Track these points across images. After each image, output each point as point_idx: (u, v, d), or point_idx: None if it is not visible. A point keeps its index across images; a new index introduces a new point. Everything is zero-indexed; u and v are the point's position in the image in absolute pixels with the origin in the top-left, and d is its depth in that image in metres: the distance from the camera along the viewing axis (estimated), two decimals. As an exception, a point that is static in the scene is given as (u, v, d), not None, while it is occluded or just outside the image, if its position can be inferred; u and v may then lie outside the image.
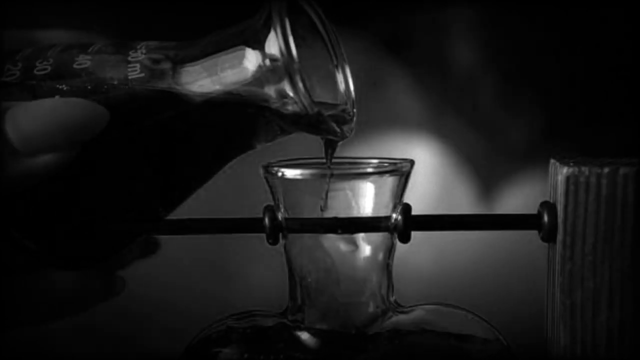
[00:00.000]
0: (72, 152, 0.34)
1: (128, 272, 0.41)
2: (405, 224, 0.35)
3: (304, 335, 0.37)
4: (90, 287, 0.38)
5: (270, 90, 0.34)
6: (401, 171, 0.36)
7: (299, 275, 0.37)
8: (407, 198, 0.37)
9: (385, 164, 0.37)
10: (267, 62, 0.34)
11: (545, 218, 0.34)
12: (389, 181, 0.36)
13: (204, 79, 0.35)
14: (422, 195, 0.82)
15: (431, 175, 0.83)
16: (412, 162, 0.37)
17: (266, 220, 0.36)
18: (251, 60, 0.34)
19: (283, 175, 0.36)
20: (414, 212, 0.36)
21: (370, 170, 0.37)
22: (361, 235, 0.37)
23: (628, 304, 0.33)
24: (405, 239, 0.35)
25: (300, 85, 0.33)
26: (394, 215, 0.36)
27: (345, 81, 0.38)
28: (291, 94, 0.34)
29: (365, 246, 0.37)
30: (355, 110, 0.37)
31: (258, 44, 0.34)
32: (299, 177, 0.36)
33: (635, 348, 0.34)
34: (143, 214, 0.37)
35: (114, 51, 0.36)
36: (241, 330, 0.38)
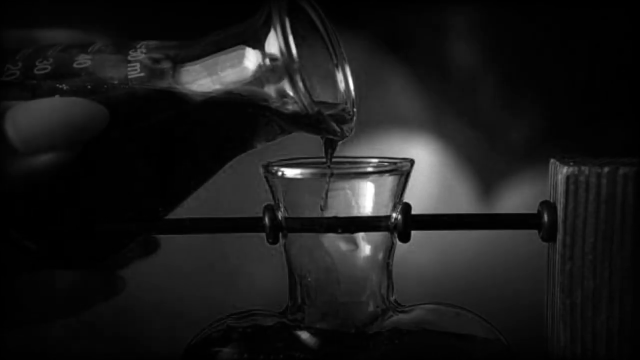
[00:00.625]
0: (72, 151, 0.34)
1: (128, 272, 0.41)
2: (405, 223, 0.35)
3: (304, 335, 0.37)
4: (91, 287, 0.38)
5: (270, 90, 0.34)
6: (401, 170, 0.36)
7: (298, 274, 0.37)
8: (407, 197, 0.37)
9: (385, 164, 0.37)
10: (267, 61, 0.34)
11: (545, 217, 0.34)
12: (389, 181, 0.36)
13: (204, 79, 0.35)
14: (422, 195, 0.81)
15: (431, 174, 0.83)
16: (412, 162, 0.37)
17: (266, 219, 0.36)
18: (251, 59, 0.34)
19: (283, 174, 0.36)
20: (414, 212, 0.36)
21: (370, 169, 0.37)
22: (361, 234, 0.37)
23: (628, 303, 0.33)
24: (405, 238, 0.35)
25: (300, 84, 0.33)
26: (394, 215, 0.36)
27: (345, 80, 0.38)
28: (291, 94, 0.34)
29: (365, 245, 0.37)
30: (355, 109, 0.37)
31: (258, 44, 0.34)
32: (299, 176, 0.36)
33: (635, 348, 0.34)
34: (143, 214, 0.37)
35: (113, 51, 0.36)
36: (241, 330, 0.38)
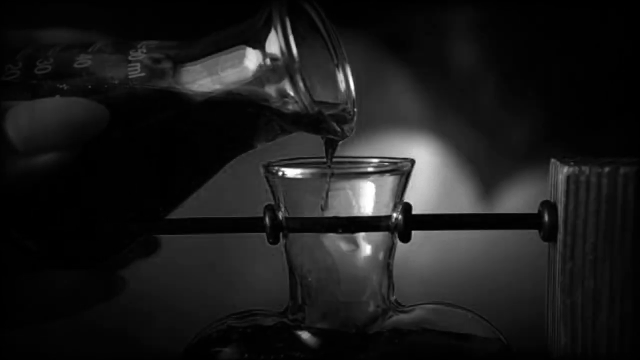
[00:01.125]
0: (73, 151, 0.34)
1: (128, 272, 0.41)
2: (405, 223, 0.35)
3: (305, 335, 0.37)
4: (91, 287, 0.38)
5: (271, 90, 0.34)
6: (402, 170, 0.36)
7: (299, 274, 0.37)
8: (408, 197, 0.37)
9: (386, 164, 0.37)
10: (268, 61, 0.34)
11: (546, 217, 0.34)
12: (390, 180, 0.36)
13: (204, 79, 0.35)
14: (422, 195, 0.82)
15: (432, 174, 0.83)
16: (412, 162, 0.37)
17: (266, 219, 0.36)
18: (252, 59, 0.34)
19: (283, 174, 0.36)
20: (414, 212, 0.36)
21: (370, 169, 0.37)
22: (362, 234, 0.37)
23: (628, 303, 0.33)
24: (405, 238, 0.35)
25: (301, 84, 0.33)
26: (395, 215, 0.36)
27: (346, 80, 0.38)
28: (291, 93, 0.34)
29: (366, 245, 0.37)
30: (355, 109, 0.37)
31: (258, 44, 0.34)
32: (299, 176, 0.36)
33: (635, 348, 0.34)
34: (143, 214, 0.37)
35: (114, 50, 0.36)
36: (241, 330, 0.38)
